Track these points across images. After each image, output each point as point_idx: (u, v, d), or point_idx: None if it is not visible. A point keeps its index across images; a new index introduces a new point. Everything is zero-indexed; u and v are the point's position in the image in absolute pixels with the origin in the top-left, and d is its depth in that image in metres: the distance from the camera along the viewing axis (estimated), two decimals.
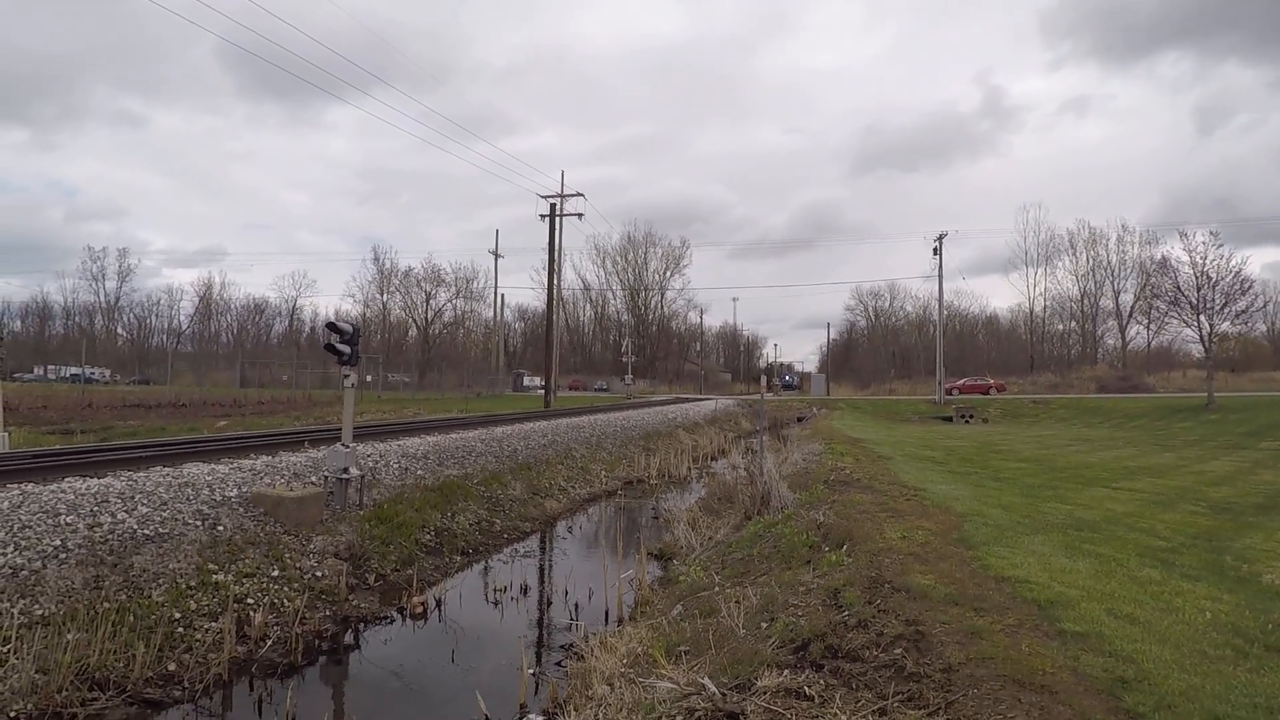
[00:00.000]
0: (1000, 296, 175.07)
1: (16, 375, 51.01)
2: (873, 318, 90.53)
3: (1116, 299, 68.06)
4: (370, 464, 10.95)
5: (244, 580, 6.94)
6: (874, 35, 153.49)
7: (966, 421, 36.30)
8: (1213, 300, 31.96)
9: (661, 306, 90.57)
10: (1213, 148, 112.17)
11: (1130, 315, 66.67)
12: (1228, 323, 32.91)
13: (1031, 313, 74.05)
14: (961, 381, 52.79)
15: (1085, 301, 70.52)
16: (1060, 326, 74.38)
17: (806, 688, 3.80)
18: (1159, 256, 42.40)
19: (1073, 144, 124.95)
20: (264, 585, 7.03)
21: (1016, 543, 6.64)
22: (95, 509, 7.00)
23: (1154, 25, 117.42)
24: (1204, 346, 33.76)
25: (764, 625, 5.11)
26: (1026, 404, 40.52)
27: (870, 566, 5.80)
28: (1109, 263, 68.38)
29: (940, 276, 45.53)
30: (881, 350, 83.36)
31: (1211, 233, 32.57)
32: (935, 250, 45.08)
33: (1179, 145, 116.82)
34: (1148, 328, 61.47)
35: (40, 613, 5.54)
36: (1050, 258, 71.86)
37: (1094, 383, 53.08)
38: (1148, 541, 7.01)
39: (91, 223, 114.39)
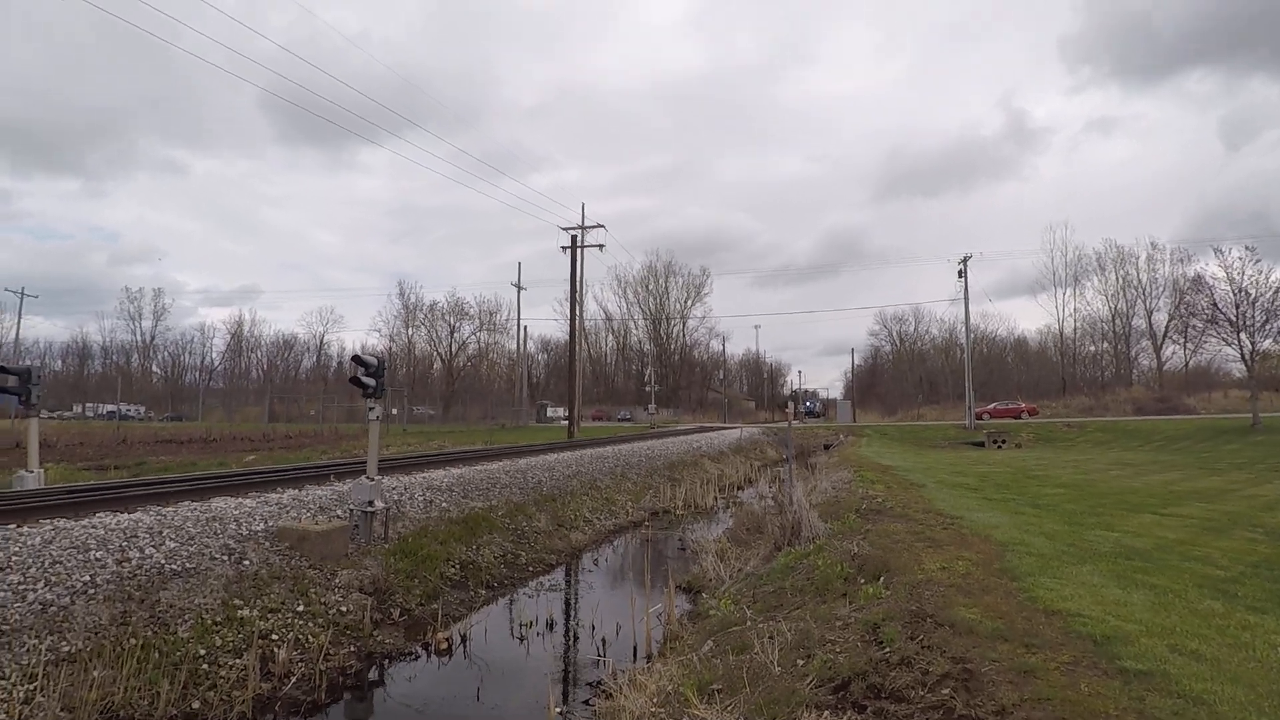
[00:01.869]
0: (1028, 318, 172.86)
1: (57, 413, 52.14)
2: (898, 342, 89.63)
3: (1149, 318, 66.67)
4: (395, 497, 10.89)
5: (269, 616, 6.86)
6: (893, 61, 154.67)
7: (999, 446, 35.52)
8: (1253, 317, 31.09)
9: (683, 335, 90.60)
10: (1243, 163, 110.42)
11: (1165, 334, 65.11)
12: (1270, 340, 31.96)
13: (1061, 334, 72.75)
14: (992, 406, 51.76)
15: (1117, 321, 69.18)
16: (1092, 348, 72.94)
17: None
18: (1192, 274, 41.63)
19: (1098, 164, 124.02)
20: (289, 621, 6.94)
21: (1064, 573, 6.34)
22: (124, 544, 6.99)
23: (1177, 44, 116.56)
24: (1246, 365, 32.78)
25: (800, 662, 4.89)
26: (1060, 427, 39.57)
27: (910, 599, 5.57)
28: (1140, 281, 67.15)
29: (966, 299, 44.95)
30: (908, 375, 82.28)
31: (1248, 248, 31.81)
32: (960, 273, 44.56)
33: (1208, 162, 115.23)
34: (1184, 347, 59.94)
35: (68, 649, 5.50)
36: (1079, 278, 70.78)
37: (1130, 404, 51.76)
38: (1205, 571, 6.67)
39: (132, 265, 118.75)
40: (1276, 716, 3.42)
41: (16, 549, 6.36)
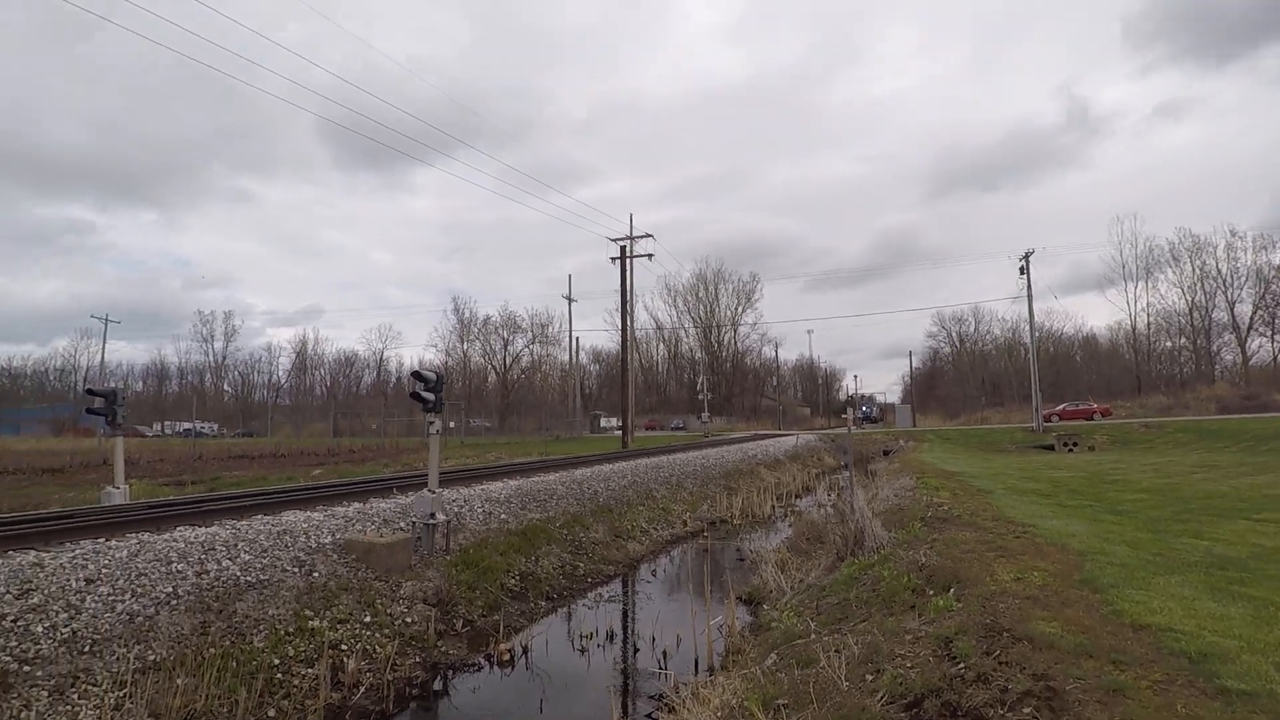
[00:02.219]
0: (1097, 314, 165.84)
1: (139, 431, 54.88)
2: (958, 343, 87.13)
3: (1232, 310, 62.93)
4: (455, 509, 11.06)
5: (338, 626, 7.03)
6: (944, 55, 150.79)
7: (1070, 450, 34.10)
8: None
9: (735, 342, 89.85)
10: None
11: (1250, 327, 61.53)
12: None
13: (1134, 330, 69.32)
14: (1061, 407, 49.76)
15: (1195, 315, 65.55)
16: (1168, 343, 69.30)
17: None
18: (1278, 262, 39.20)
19: (1169, 150, 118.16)
20: (357, 631, 7.09)
21: (1150, 584, 6.00)
22: (203, 557, 7.26)
23: (1252, 19, 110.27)
24: None
25: (869, 678, 4.74)
26: (1137, 428, 37.74)
27: (984, 612, 5.35)
28: (1219, 272, 63.42)
29: (1030, 296, 43.40)
30: (969, 377, 79.84)
31: None
32: (1022, 269, 43.01)
33: None
34: (1272, 339, 56.67)
35: (153, 658, 5.73)
36: (1151, 270, 67.29)
37: (1214, 403, 49.06)
38: None
39: (206, 290, 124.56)
40: None
41: (106, 562, 6.68)
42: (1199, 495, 13.05)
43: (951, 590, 6.21)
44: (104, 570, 6.51)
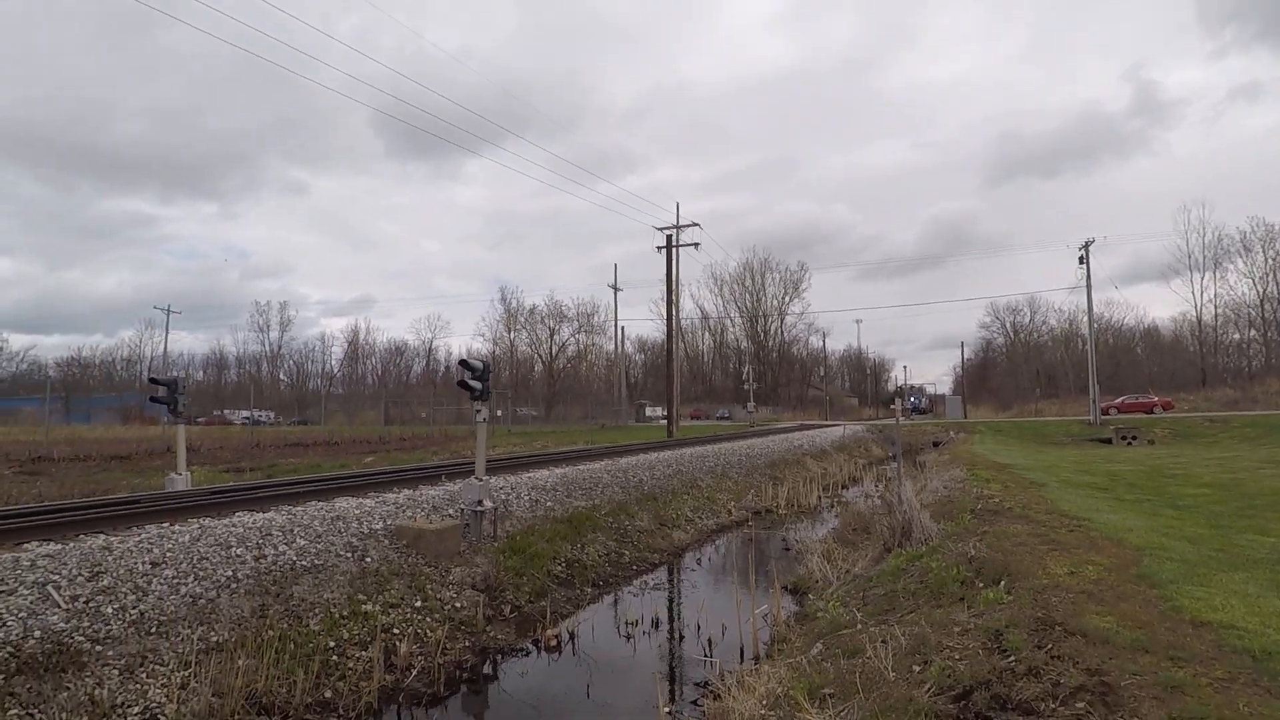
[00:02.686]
0: (1160, 306, 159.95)
1: (200, 419, 57.15)
2: (1011, 334, 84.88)
3: None
4: (502, 496, 11.25)
5: (390, 611, 7.23)
6: (1005, 38, 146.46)
7: (1129, 443, 32.94)
8: None
9: (781, 332, 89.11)
10: None
11: None
12: None
13: (1200, 321, 66.47)
14: (1120, 400, 48.08)
15: (1266, 306, 62.59)
16: (1236, 335, 66.37)
17: None
18: None
19: (1242, 135, 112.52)
20: (408, 616, 7.29)
21: (1212, 581, 5.80)
22: (260, 541, 7.55)
23: None
24: None
25: (916, 669, 4.69)
26: (1200, 422, 36.24)
27: (1035, 606, 5.24)
28: None
29: (1089, 286, 41.92)
30: (1023, 369, 77.64)
31: None
32: (1081, 259, 41.58)
33: None
34: None
35: (216, 639, 5.98)
36: (1219, 260, 64.46)
37: None
38: None
39: (262, 280, 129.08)
40: None
41: (170, 546, 6.99)
42: (1265, 491, 12.49)
43: (1002, 583, 6.09)
44: (168, 554, 6.81)
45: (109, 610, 5.76)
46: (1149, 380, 60.96)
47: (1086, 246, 41.53)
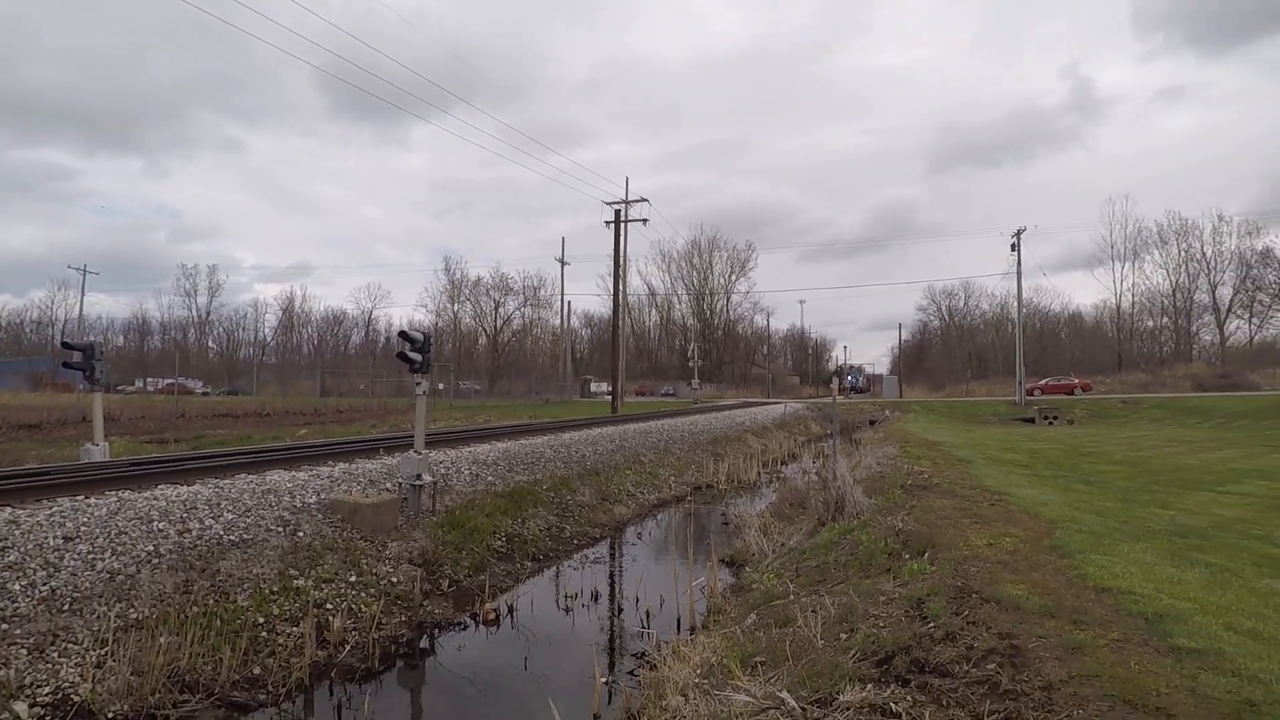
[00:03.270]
0: (1084, 293, 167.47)
1: (119, 388, 54.47)
2: (946, 317, 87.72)
3: (1213, 293, 63.83)
4: (442, 470, 11.13)
5: (323, 585, 7.11)
6: (953, 29, 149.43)
7: (1050, 423, 34.59)
8: None
9: (727, 310, 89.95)
10: None
11: (1229, 309, 62.48)
12: None
13: (1119, 309, 70.15)
14: (1044, 381, 50.37)
15: (1178, 296, 66.38)
16: (1150, 323, 70.29)
17: (893, 704, 3.59)
18: (1260, 247, 39.67)
19: (1166, 135, 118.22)
20: (342, 591, 7.19)
21: (1115, 551, 6.19)
22: (185, 515, 7.30)
23: (1254, 9, 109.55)
24: None
25: (843, 636, 4.89)
26: (1115, 404, 38.33)
27: (955, 575, 5.50)
28: (1204, 255, 64.21)
29: (1019, 273, 43.61)
30: (956, 351, 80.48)
31: None
32: (1013, 246, 43.22)
33: None
34: (1249, 322, 57.47)
35: (135, 616, 5.78)
36: (1139, 251, 68.03)
37: (1190, 381, 49.80)
38: (1264, 550, 6.43)
39: (191, 243, 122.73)
40: None
41: (85, 519, 6.70)
42: (1168, 468, 13.34)
43: (926, 554, 6.37)
44: (83, 528, 6.53)
45: (16, 587, 5.51)
46: (1071, 364, 64.02)
47: (1018, 235, 43.14)
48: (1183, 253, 65.20)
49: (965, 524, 7.45)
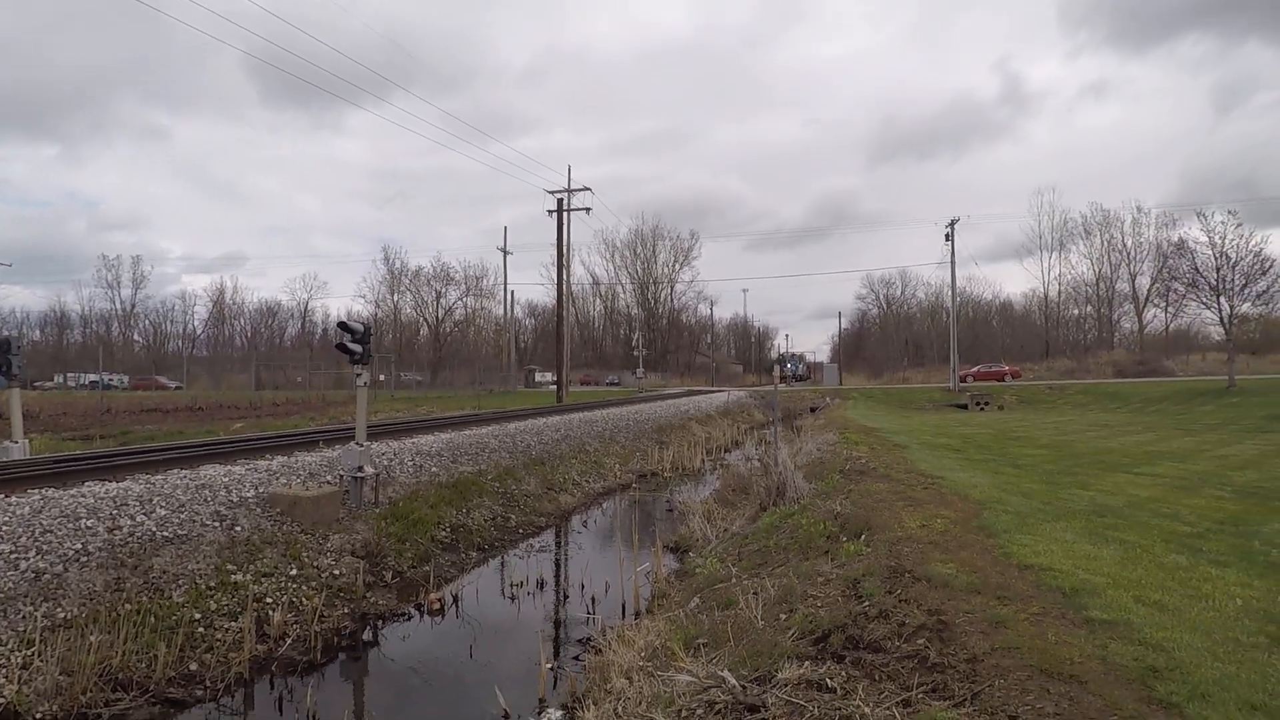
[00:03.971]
0: (1014, 282, 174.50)
1: (37, 384, 51.63)
2: (884, 306, 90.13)
3: (1133, 282, 67.28)
4: (385, 462, 10.97)
5: (262, 580, 6.96)
6: (889, 21, 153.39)
7: (982, 409, 36.02)
8: (1232, 281, 31.53)
9: (671, 300, 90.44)
10: (1232, 128, 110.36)
11: (1147, 299, 65.90)
12: (1248, 304, 32.47)
13: (1046, 298, 73.36)
14: (976, 368, 52.36)
15: (1101, 285, 69.78)
16: (1076, 311, 73.69)
17: (828, 679, 3.75)
18: (1176, 238, 42.02)
19: (1091, 129, 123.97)
20: (282, 584, 7.05)
21: (1038, 530, 6.55)
22: (114, 512, 7.04)
23: (1174, 8, 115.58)
24: (1224, 329, 33.32)
25: (783, 617, 5.06)
26: (1043, 390, 40.14)
27: (890, 556, 5.74)
28: (1124, 246, 67.58)
29: (953, 263, 45.16)
30: (894, 339, 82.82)
31: (1230, 212, 32.10)
32: (947, 236, 44.71)
33: (1199, 127, 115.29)
34: (1166, 311, 60.73)
35: (63, 616, 5.58)
36: (1064, 242, 71.18)
37: (1111, 367, 52.53)
38: (1173, 527, 6.90)
39: (113, 233, 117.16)
40: (1230, 661, 3.60)
41: (6, 519, 6.41)
42: (1090, 451, 14.10)
43: (863, 536, 6.62)
44: (4, 527, 6.25)
45: None
46: (1002, 351, 66.69)
47: (952, 225, 44.63)
48: (1105, 244, 68.54)
49: (900, 507, 7.75)
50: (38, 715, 4.69)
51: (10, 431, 10.91)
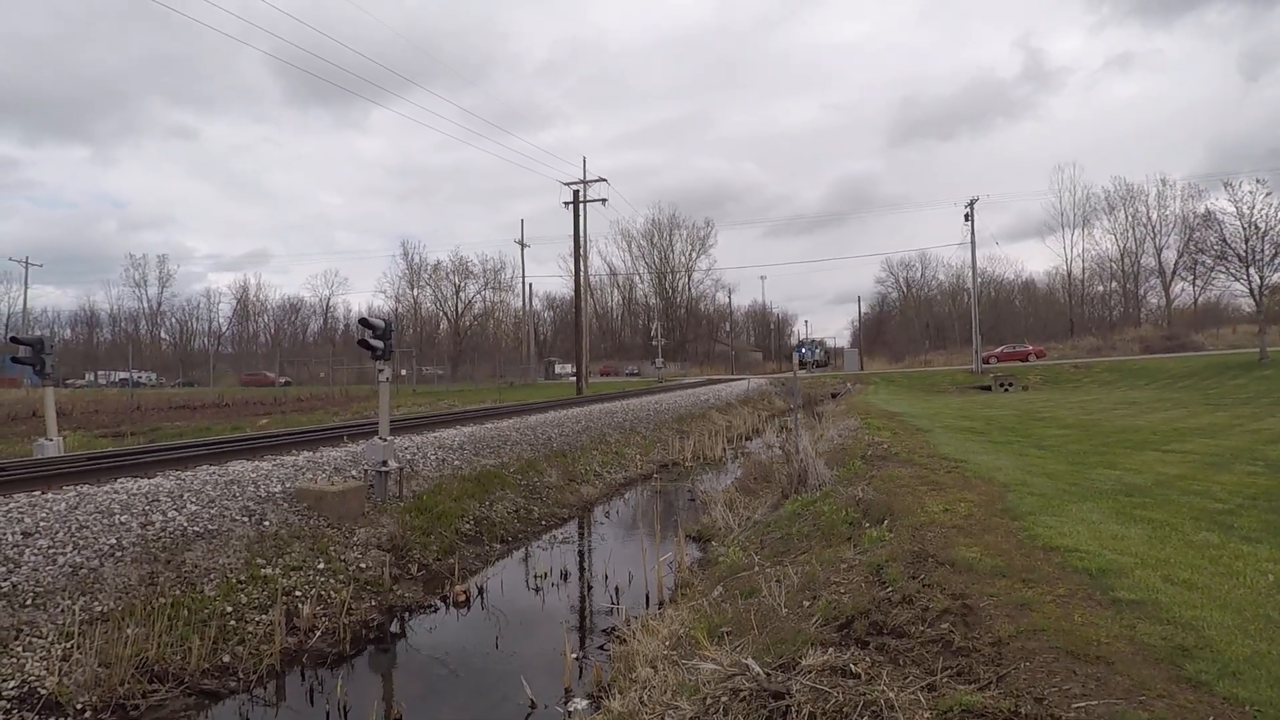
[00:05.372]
0: (1037, 261, 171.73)
1: (69, 382, 52.74)
2: (904, 289, 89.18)
3: (1159, 256, 65.88)
4: (408, 456, 11.09)
5: (291, 573, 7.09)
6: (907, 2, 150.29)
7: (1006, 390, 35.59)
8: (1262, 251, 30.76)
9: (689, 288, 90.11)
10: (1262, 94, 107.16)
11: (1174, 272, 64.52)
12: (1279, 274, 31.66)
13: (1070, 275, 72.03)
14: (999, 349, 51.70)
15: (1126, 260, 68.41)
16: (1100, 288, 72.44)
17: (852, 665, 3.75)
18: (1202, 209, 41.10)
19: (1116, 103, 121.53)
20: (311, 578, 7.17)
21: (1064, 511, 6.47)
22: (147, 508, 7.19)
23: None
24: (1254, 300, 32.56)
25: (806, 604, 5.05)
26: (1068, 369, 39.56)
27: (913, 541, 5.71)
28: (1149, 219, 66.09)
29: (973, 243, 44.51)
30: (915, 322, 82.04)
31: (1259, 181, 31.22)
32: (967, 216, 44.03)
33: (1228, 96, 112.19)
34: (1193, 284, 59.53)
35: (100, 609, 5.72)
36: (1088, 218, 69.78)
37: (1138, 343, 51.57)
38: (1203, 505, 6.78)
39: (141, 232, 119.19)
40: (1261, 638, 3.54)
41: (43, 514, 6.57)
42: (1117, 430, 13.89)
43: (885, 522, 6.58)
44: (42, 523, 6.41)
45: None
46: (1025, 330, 65.79)
47: (972, 204, 43.96)
48: (1129, 218, 67.10)
49: (923, 491, 7.70)
50: (78, 705, 4.83)
51: (45, 429, 11.16)
